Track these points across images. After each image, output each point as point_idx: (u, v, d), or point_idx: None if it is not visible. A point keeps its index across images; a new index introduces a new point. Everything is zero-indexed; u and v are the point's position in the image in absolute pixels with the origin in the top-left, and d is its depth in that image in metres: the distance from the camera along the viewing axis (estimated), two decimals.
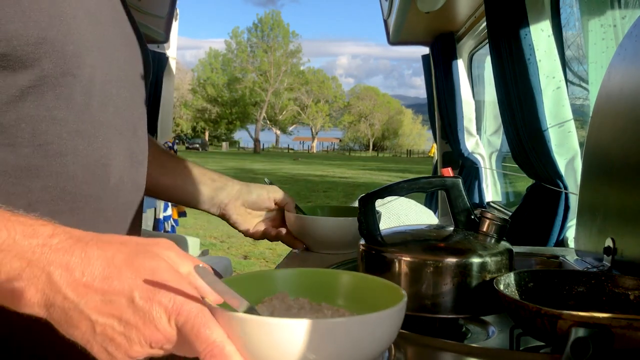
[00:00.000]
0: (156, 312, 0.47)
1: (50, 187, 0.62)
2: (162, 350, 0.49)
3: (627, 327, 0.55)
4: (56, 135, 0.62)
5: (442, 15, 2.46)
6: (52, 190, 0.62)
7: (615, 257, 0.87)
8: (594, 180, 1.01)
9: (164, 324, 0.47)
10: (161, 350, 0.49)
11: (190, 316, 0.47)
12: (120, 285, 0.47)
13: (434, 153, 4.97)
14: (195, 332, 0.47)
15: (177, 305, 0.47)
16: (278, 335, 0.46)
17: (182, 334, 0.47)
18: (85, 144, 0.65)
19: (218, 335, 0.47)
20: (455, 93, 2.93)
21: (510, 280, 0.75)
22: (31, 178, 0.60)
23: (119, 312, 0.47)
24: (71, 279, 0.47)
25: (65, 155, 0.63)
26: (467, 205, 0.83)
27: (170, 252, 0.52)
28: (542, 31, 1.63)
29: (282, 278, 0.64)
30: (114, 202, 0.69)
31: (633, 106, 0.86)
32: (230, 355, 0.47)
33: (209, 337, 0.46)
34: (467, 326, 0.82)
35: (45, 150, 0.61)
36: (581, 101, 1.82)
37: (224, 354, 0.46)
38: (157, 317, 0.47)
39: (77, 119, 0.63)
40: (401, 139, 58.60)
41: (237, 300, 0.51)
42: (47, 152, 0.61)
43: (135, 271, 0.48)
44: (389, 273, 0.77)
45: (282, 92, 50.99)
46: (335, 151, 59.55)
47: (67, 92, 0.61)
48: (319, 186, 13.87)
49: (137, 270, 0.48)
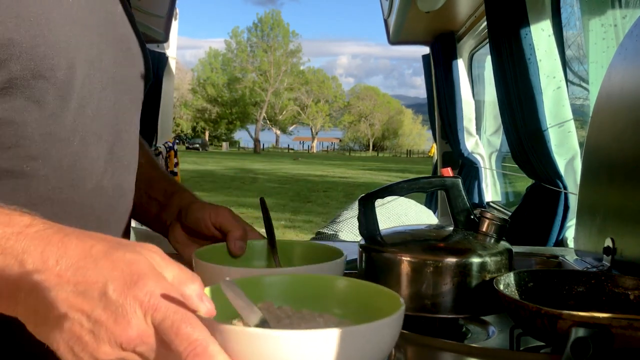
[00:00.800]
0: (130, 307, 0.42)
1: (20, 190, 0.61)
2: (135, 355, 0.44)
3: (627, 327, 0.55)
4: (27, 138, 0.60)
5: (443, 15, 2.46)
6: (23, 194, 0.61)
7: (614, 257, 0.87)
8: (594, 180, 1.01)
9: (139, 320, 0.42)
10: (133, 353, 0.44)
11: (169, 312, 0.43)
12: (94, 276, 0.43)
13: (434, 153, 4.97)
14: (175, 330, 0.42)
15: (155, 300, 0.43)
16: (287, 347, 0.45)
17: (160, 333, 0.43)
18: (58, 148, 0.63)
19: (200, 333, 0.43)
20: (455, 93, 2.93)
21: (510, 280, 0.75)
22: (1, 180, 0.60)
23: (89, 307, 0.43)
24: (44, 267, 0.44)
25: (36, 158, 0.61)
26: (466, 205, 0.83)
27: (155, 255, 0.48)
28: (542, 31, 1.63)
29: (269, 285, 0.64)
30: (90, 207, 0.68)
31: (633, 106, 0.86)
32: (214, 354, 0.43)
33: (190, 334, 0.42)
34: (467, 326, 0.82)
35: (16, 152, 0.60)
36: (581, 101, 1.82)
37: (207, 352, 0.42)
38: (131, 311, 0.42)
39: (50, 122, 0.62)
40: (401, 139, 58.63)
41: (255, 315, 0.50)
42: (17, 155, 0.60)
43: (112, 263, 0.44)
44: (388, 273, 0.77)
45: (282, 92, 50.98)
46: (335, 151, 59.60)
47: (37, 94, 0.60)
48: (319, 186, 13.87)
49: (114, 262, 0.44)
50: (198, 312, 0.45)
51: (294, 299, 0.63)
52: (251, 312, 0.51)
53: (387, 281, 0.76)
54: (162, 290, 0.44)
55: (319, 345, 0.46)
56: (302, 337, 0.46)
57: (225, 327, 0.47)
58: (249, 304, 0.51)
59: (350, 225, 2.36)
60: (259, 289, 0.63)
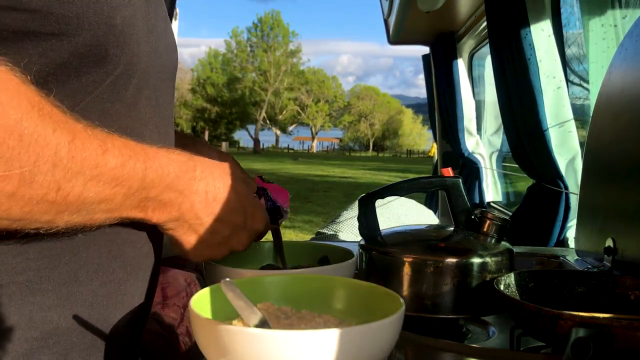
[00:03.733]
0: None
1: None
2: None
3: (627, 327, 0.55)
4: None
5: (443, 15, 2.46)
6: None
7: (615, 257, 0.87)
8: (595, 180, 1.01)
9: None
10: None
11: None
12: (235, 211, 0.66)
13: (434, 153, 4.98)
14: None
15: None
16: (287, 347, 0.46)
17: None
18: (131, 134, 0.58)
19: None
20: (455, 93, 2.93)
21: (511, 280, 0.75)
22: None
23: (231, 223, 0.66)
24: (206, 203, 0.62)
25: None
26: (467, 205, 0.83)
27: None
28: (542, 31, 1.63)
29: (269, 285, 0.64)
30: None
31: (634, 106, 0.86)
32: None
33: None
34: (468, 326, 0.82)
35: None
36: (581, 101, 1.82)
37: None
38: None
39: (126, 114, 0.58)
40: (401, 139, 58.58)
41: (255, 316, 0.51)
42: None
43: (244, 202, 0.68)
44: (389, 273, 0.77)
45: (282, 92, 50.95)
46: (335, 151, 59.55)
47: (122, 82, 0.56)
48: (319, 186, 13.87)
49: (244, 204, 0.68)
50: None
51: (294, 299, 0.63)
52: (251, 312, 0.51)
53: (388, 281, 0.76)
54: None
55: (318, 345, 0.45)
56: (302, 337, 0.45)
57: (225, 327, 0.47)
58: (249, 304, 0.51)
59: (351, 225, 2.36)
60: (259, 289, 0.63)
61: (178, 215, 0.60)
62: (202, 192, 0.61)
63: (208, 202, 0.62)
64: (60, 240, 0.55)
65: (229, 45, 51.72)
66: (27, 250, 0.53)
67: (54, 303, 0.55)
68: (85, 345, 0.59)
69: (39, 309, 0.54)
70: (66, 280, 0.56)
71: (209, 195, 0.62)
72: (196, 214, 0.61)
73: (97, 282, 0.59)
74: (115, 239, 0.60)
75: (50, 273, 0.55)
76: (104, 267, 0.59)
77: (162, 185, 0.56)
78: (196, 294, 0.56)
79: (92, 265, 0.58)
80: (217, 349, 0.48)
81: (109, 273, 0.60)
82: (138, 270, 0.64)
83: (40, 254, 0.54)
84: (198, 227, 0.62)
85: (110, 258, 0.60)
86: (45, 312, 0.55)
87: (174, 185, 0.58)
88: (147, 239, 0.65)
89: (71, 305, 0.57)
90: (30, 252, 0.54)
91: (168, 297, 1.42)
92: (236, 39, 51.65)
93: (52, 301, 0.55)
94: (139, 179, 0.53)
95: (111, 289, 0.60)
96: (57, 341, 0.56)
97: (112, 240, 0.60)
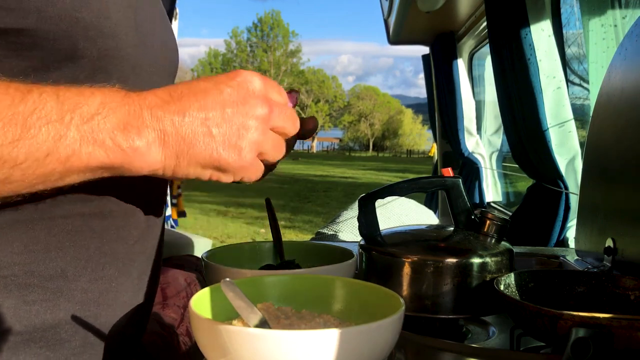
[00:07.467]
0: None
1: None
2: None
3: (627, 327, 0.55)
4: None
5: (443, 15, 2.46)
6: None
7: (615, 258, 0.87)
8: (595, 180, 1.00)
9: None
10: None
11: None
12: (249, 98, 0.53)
13: (434, 153, 4.98)
14: None
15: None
16: (287, 347, 0.45)
17: None
18: None
19: None
20: (455, 93, 2.93)
21: (511, 280, 0.74)
22: None
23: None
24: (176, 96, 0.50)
25: None
26: (467, 206, 0.83)
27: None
28: (542, 31, 1.63)
29: (269, 285, 0.64)
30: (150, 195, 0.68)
31: (634, 106, 0.86)
32: None
33: None
34: (468, 326, 0.82)
35: None
36: (581, 101, 1.82)
37: None
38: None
39: None
40: (401, 139, 58.58)
41: (255, 315, 0.51)
42: None
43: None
44: (389, 273, 0.77)
45: None
46: (335, 151, 59.53)
47: (101, 77, 0.55)
48: (319, 186, 13.87)
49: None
50: None
51: (293, 299, 0.63)
52: (251, 312, 0.51)
53: (388, 281, 0.76)
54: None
55: (318, 345, 0.45)
56: (302, 337, 0.45)
57: (225, 327, 0.47)
58: (249, 304, 0.51)
59: (350, 225, 2.36)
60: (259, 289, 0.63)
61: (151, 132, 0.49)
62: (159, 93, 0.50)
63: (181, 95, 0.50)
64: (47, 234, 0.55)
65: (229, 45, 51.75)
66: (12, 245, 0.53)
67: (40, 297, 0.55)
68: (77, 342, 0.58)
69: (23, 302, 0.55)
70: (53, 275, 0.56)
71: (173, 92, 0.50)
72: (169, 119, 0.49)
73: (86, 279, 0.58)
74: (103, 235, 0.59)
75: (36, 268, 0.55)
76: (93, 263, 0.59)
77: (95, 104, 0.47)
78: (196, 294, 0.56)
79: (81, 261, 0.58)
80: (217, 349, 0.48)
81: (99, 269, 0.59)
82: (130, 267, 0.63)
83: (25, 249, 0.54)
84: (186, 131, 0.50)
85: (99, 254, 0.59)
86: (29, 307, 0.55)
87: (107, 101, 0.48)
88: (139, 236, 0.64)
89: (59, 301, 0.56)
90: (15, 246, 0.54)
91: (168, 297, 1.42)
92: (236, 39, 51.67)
93: (38, 295, 0.55)
94: (52, 106, 0.45)
95: (102, 285, 0.60)
96: (43, 336, 0.56)
97: (99, 236, 0.59)
